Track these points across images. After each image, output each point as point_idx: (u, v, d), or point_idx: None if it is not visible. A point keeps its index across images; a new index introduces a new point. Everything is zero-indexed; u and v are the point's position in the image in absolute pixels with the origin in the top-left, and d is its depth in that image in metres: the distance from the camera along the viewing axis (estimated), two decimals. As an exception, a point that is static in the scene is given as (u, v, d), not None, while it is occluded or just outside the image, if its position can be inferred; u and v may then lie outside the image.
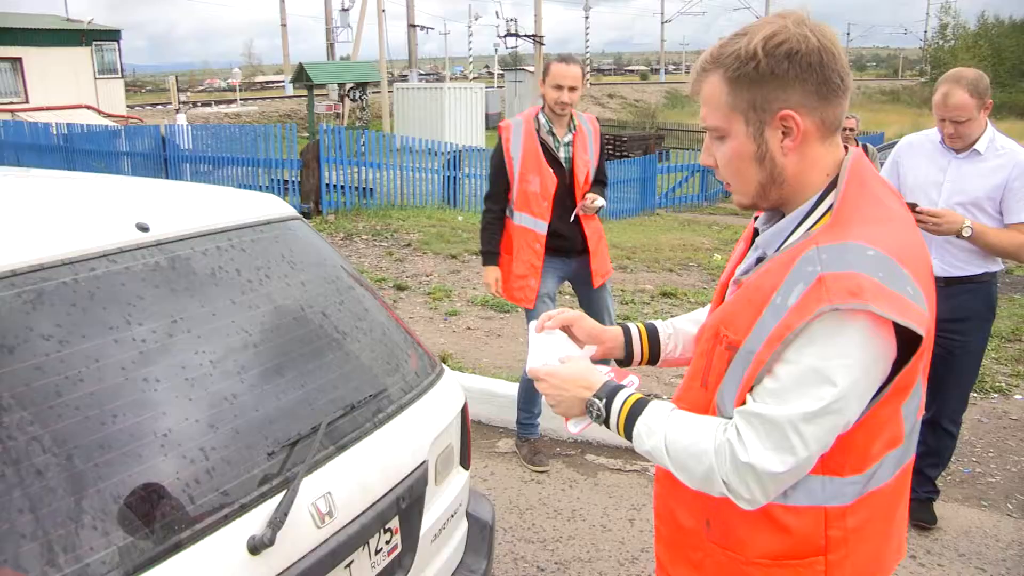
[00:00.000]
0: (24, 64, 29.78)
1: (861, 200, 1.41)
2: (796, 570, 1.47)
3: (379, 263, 9.67)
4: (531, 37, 46.30)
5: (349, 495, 1.92)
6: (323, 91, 32.47)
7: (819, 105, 1.40)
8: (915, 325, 1.30)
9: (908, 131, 18.79)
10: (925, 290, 1.36)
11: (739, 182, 1.51)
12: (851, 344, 1.30)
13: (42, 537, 1.36)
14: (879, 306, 1.27)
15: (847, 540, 1.46)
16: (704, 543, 1.58)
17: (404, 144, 15.00)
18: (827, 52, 1.38)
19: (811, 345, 1.31)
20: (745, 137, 1.45)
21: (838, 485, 1.43)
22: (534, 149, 4.25)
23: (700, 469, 1.43)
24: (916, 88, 69.88)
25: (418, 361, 2.41)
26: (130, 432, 1.58)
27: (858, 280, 1.28)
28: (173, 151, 16.11)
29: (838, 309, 1.27)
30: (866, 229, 1.35)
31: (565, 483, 4.44)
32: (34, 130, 19.61)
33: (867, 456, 1.43)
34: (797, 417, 1.33)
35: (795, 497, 1.44)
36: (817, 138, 1.43)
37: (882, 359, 1.34)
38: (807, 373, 1.32)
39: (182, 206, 2.21)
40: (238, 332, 1.93)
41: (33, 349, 1.54)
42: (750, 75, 1.40)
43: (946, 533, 3.95)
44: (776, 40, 1.38)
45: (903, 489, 1.55)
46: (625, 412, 1.55)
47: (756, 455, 1.36)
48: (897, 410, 1.43)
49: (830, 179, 1.46)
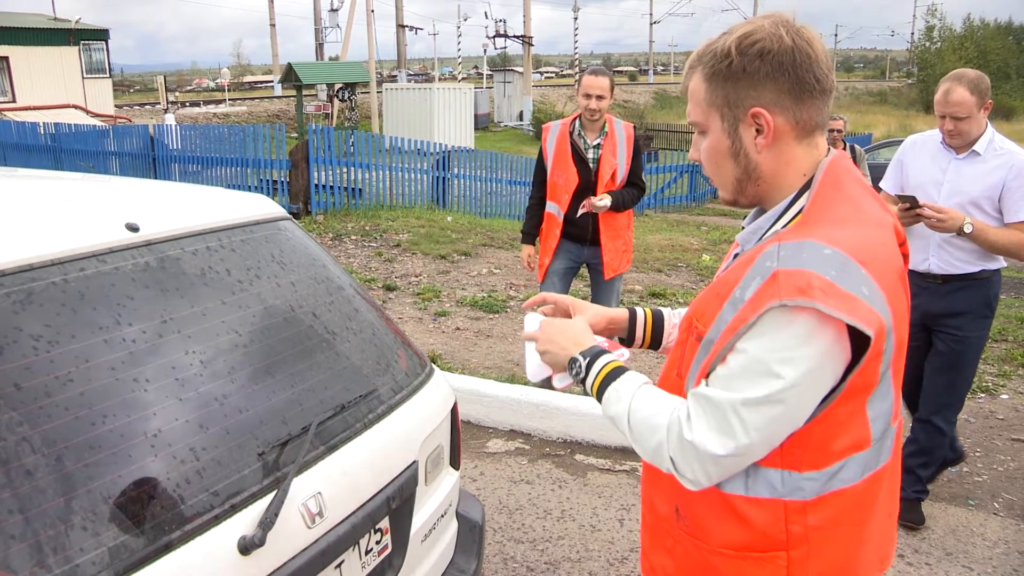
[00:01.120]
0: (11, 63, 29.65)
1: (833, 201, 1.44)
2: (758, 563, 1.49)
3: (368, 263, 9.66)
4: (520, 38, 46.38)
5: (340, 495, 1.92)
6: (312, 91, 32.43)
7: (792, 105, 1.44)
8: (863, 325, 1.31)
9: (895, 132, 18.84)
10: (888, 291, 1.37)
11: (718, 177, 1.56)
12: (797, 339, 1.32)
13: (31, 538, 1.36)
14: (826, 304, 1.29)
15: (808, 538, 1.47)
16: (675, 530, 1.61)
17: (393, 144, 14.98)
18: (802, 53, 1.41)
19: (760, 337, 1.35)
20: (721, 133, 1.50)
21: (796, 480, 1.45)
22: (564, 148, 4.92)
23: (652, 442, 1.48)
24: (903, 89, 70.21)
25: (408, 361, 2.41)
26: (120, 432, 1.57)
27: (808, 278, 1.30)
28: (162, 151, 16.03)
29: (785, 305, 1.31)
30: (830, 229, 1.38)
31: (554, 483, 4.44)
32: (21, 129, 19.49)
33: (826, 453, 1.44)
34: (739, 402, 1.36)
35: (756, 489, 1.46)
36: (793, 137, 1.47)
37: (832, 356, 1.35)
38: (753, 363, 1.35)
39: (172, 206, 2.21)
40: (228, 332, 1.92)
41: (22, 349, 1.53)
42: (724, 73, 1.45)
43: (933, 532, 3.97)
44: (750, 39, 1.42)
45: (877, 495, 1.55)
46: (602, 375, 1.60)
47: (699, 435, 1.40)
48: (860, 411, 1.44)
49: (807, 179, 1.49)
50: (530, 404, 5.06)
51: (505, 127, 43.88)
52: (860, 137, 26.95)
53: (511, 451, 4.85)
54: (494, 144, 28.18)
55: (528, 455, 4.80)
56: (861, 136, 28.01)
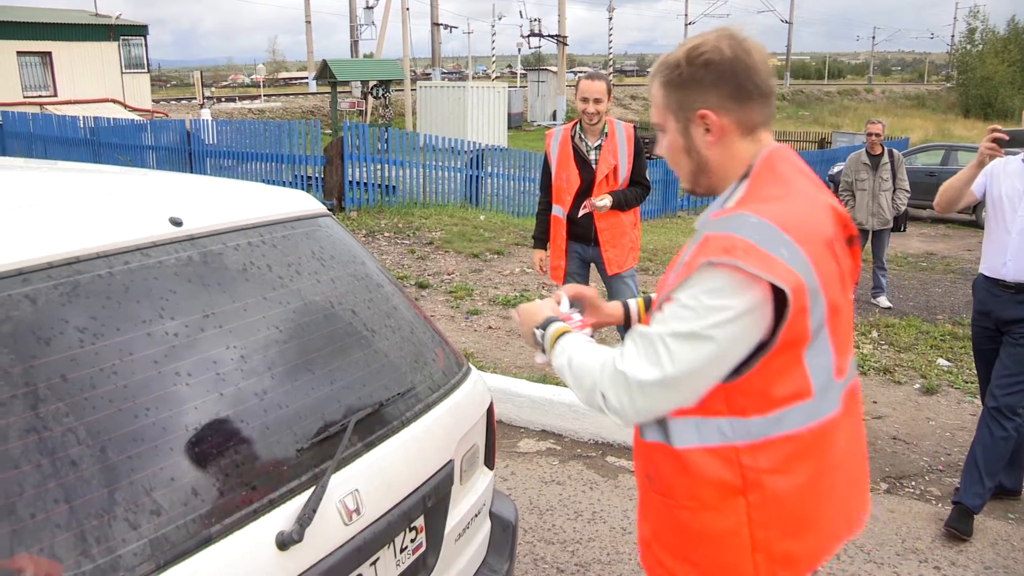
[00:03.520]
0: (53, 58, 30.15)
1: (766, 183, 1.65)
2: (719, 512, 1.64)
3: (401, 261, 9.69)
4: (554, 37, 46.24)
5: (376, 493, 1.92)
6: (346, 88, 32.61)
7: (735, 107, 1.65)
8: (779, 282, 1.49)
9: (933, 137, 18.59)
10: (813, 256, 1.53)
11: (677, 170, 1.80)
12: (721, 290, 1.51)
13: (76, 528, 1.37)
14: (745, 262, 1.48)
15: (762, 483, 1.61)
16: (649, 495, 1.79)
17: (427, 142, 15.02)
18: (741, 63, 1.63)
19: (690, 288, 1.55)
20: (676, 132, 1.73)
21: (744, 425, 1.61)
22: (567, 152, 5.02)
23: (588, 381, 1.66)
24: (942, 93, 69.20)
25: (446, 360, 2.41)
26: (162, 425, 1.58)
27: (732, 240, 1.51)
28: (198, 146, 16.19)
29: (712, 262, 1.52)
30: (760, 204, 1.59)
31: (586, 484, 4.43)
32: (62, 123, 19.78)
33: (768, 400, 1.60)
34: (666, 333, 1.55)
35: (708, 438, 1.62)
36: (737, 135, 1.68)
37: (755, 309, 1.52)
38: (683, 307, 1.55)
39: (213, 201, 2.22)
40: (268, 328, 1.93)
41: (69, 341, 1.55)
42: (676, 80, 1.68)
43: (972, 545, 3.90)
44: (697, 51, 1.65)
45: (830, 449, 1.69)
46: (553, 336, 1.81)
47: (629, 363, 1.58)
48: (796, 362, 1.58)
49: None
50: (562, 404, 5.05)
51: (538, 126, 43.80)
52: (897, 141, 26.58)
53: (542, 451, 4.84)
54: (527, 143, 28.13)
55: (559, 456, 4.79)
56: (898, 140, 27.63)
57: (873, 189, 8.96)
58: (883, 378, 6.33)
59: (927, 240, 15.90)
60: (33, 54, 29.75)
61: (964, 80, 60.12)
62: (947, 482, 4.60)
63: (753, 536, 1.64)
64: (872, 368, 6.50)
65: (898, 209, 9.06)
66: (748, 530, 1.63)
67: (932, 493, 4.48)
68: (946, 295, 9.73)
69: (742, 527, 1.63)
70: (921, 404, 5.82)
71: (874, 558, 3.78)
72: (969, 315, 4.41)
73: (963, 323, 8.02)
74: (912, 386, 6.15)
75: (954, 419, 5.54)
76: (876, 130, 8.97)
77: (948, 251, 14.47)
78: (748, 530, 1.63)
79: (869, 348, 7.13)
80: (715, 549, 1.67)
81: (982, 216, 6.61)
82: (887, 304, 9.03)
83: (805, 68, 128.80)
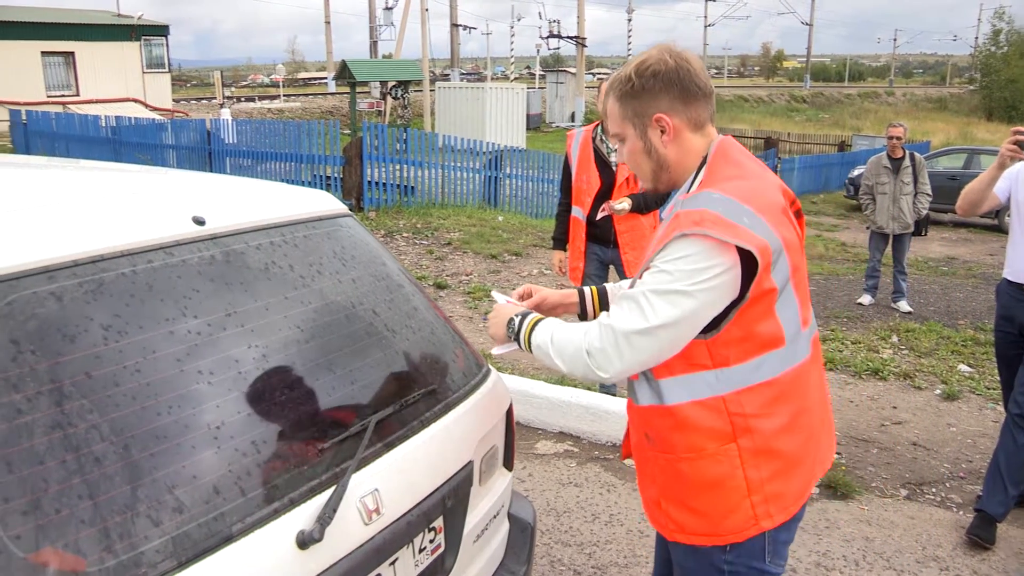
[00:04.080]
0: (76, 58, 30.44)
1: (721, 166, 1.88)
2: (715, 458, 1.84)
3: (419, 261, 9.71)
4: (573, 39, 46.26)
5: (396, 493, 1.92)
6: (365, 89, 32.71)
7: (683, 108, 1.89)
8: (745, 244, 1.70)
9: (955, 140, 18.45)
10: (772, 222, 1.77)
11: (639, 172, 2.01)
12: (693, 256, 1.73)
13: (99, 524, 1.38)
14: (714, 230, 1.71)
15: (750, 427, 1.83)
16: (650, 454, 1.98)
17: (446, 143, 15.03)
18: (683, 70, 1.87)
19: (665, 257, 1.77)
20: (635, 138, 1.95)
21: (728, 374, 1.82)
22: (588, 154, 4.98)
23: (571, 348, 1.86)
24: (965, 96, 68.58)
25: (465, 361, 2.40)
26: (184, 423, 1.59)
27: (701, 214, 1.74)
28: (218, 145, 16.28)
29: (685, 234, 1.74)
30: (719, 183, 1.81)
31: (603, 487, 4.42)
32: (84, 122, 19.96)
33: (747, 349, 1.82)
34: (648, 290, 1.77)
35: (696, 391, 1.84)
36: (689, 131, 1.91)
37: (726, 271, 1.73)
38: (661, 272, 1.77)
39: (236, 200, 2.23)
40: (290, 327, 1.94)
41: (93, 338, 1.56)
42: (629, 92, 1.91)
43: (995, 553, 3.87)
44: (644, 65, 1.88)
45: (804, 391, 1.92)
46: (531, 323, 2.01)
47: (616, 318, 1.80)
48: (768, 313, 1.81)
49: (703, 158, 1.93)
50: (579, 407, 5.04)
51: (557, 128, 43.79)
52: (918, 145, 26.38)
53: (560, 453, 4.84)
54: (545, 145, 28.15)
55: (577, 458, 4.78)
56: (919, 144, 27.42)
57: (894, 193, 8.90)
58: (903, 383, 6.28)
59: (948, 244, 15.78)
60: (57, 54, 30.05)
61: (988, 82, 59.48)
62: (968, 489, 4.56)
63: (747, 477, 1.84)
64: (892, 373, 6.46)
65: (919, 213, 8.99)
66: (742, 472, 1.84)
67: (953, 500, 4.44)
68: (968, 300, 9.66)
69: (736, 470, 1.84)
70: (942, 410, 5.77)
71: (893, 565, 3.75)
72: (991, 320, 4.40)
73: (985, 328, 7.95)
74: (933, 392, 6.11)
75: (976, 425, 5.49)
76: (897, 133, 8.91)
77: (970, 255, 14.36)
78: (742, 472, 1.84)
79: (889, 353, 7.08)
80: (715, 494, 1.87)
81: (1005, 220, 6.56)
82: (907, 309, 8.97)
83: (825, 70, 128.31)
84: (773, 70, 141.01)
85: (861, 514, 4.24)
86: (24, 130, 21.45)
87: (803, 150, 30.59)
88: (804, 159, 25.55)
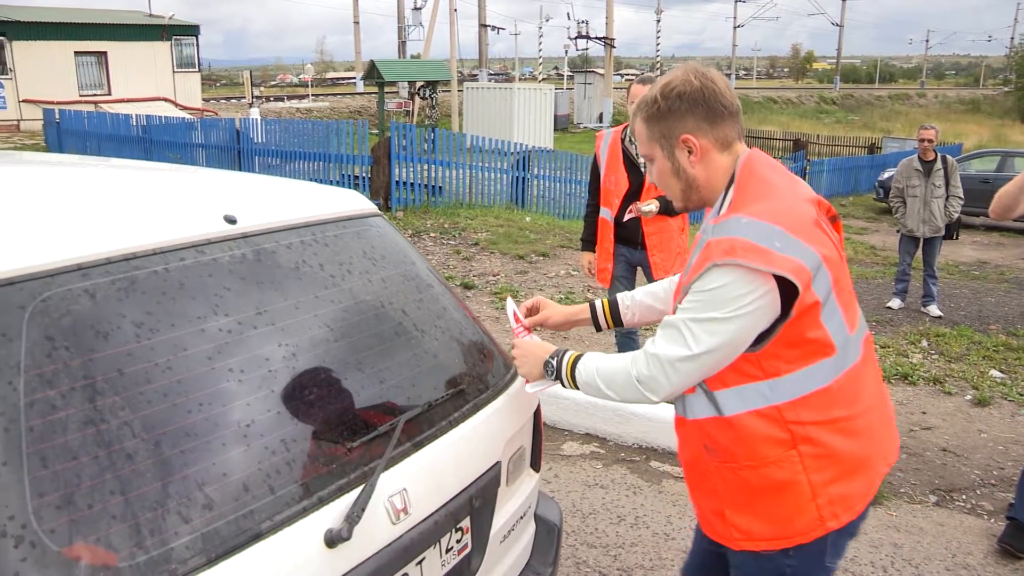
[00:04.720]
0: (108, 58, 30.81)
1: (748, 185, 1.87)
2: (779, 465, 1.86)
3: (446, 261, 9.73)
4: (601, 39, 46.17)
5: (424, 492, 1.92)
6: (393, 89, 32.82)
7: (711, 128, 1.90)
8: (778, 270, 1.71)
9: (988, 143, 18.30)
10: (806, 237, 1.77)
11: (669, 192, 2.03)
12: (728, 285, 1.75)
13: (131, 519, 1.39)
14: (746, 259, 1.72)
15: (809, 435, 1.84)
16: (710, 465, 1.97)
17: (474, 143, 15.04)
18: (708, 90, 1.88)
19: (701, 287, 1.79)
20: (663, 159, 1.97)
21: (781, 384, 1.83)
22: (617, 155, 4.93)
23: (620, 378, 1.91)
24: (998, 98, 67.67)
25: (494, 361, 2.40)
26: (215, 421, 1.60)
27: (732, 242, 1.75)
28: (247, 144, 16.39)
29: (717, 264, 1.75)
30: (748, 205, 1.81)
31: (629, 489, 4.40)
32: (115, 121, 20.18)
33: (798, 359, 1.82)
34: (688, 319, 1.81)
35: (752, 402, 1.85)
36: (717, 151, 1.92)
37: (764, 295, 1.75)
38: (698, 300, 1.80)
39: (267, 199, 2.24)
40: (320, 326, 1.94)
41: (125, 336, 1.57)
42: (655, 114, 1.93)
43: (1025, 560, 3.81)
44: (669, 87, 1.90)
45: (860, 391, 1.92)
46: (571, 359, 2.05)
47: (660, 346, 1.85)
48: (815, 325, 1.81)
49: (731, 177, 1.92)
50: (606, 408, 5.03)
51: (584, 128, 43.71)
52: (951, 147, 26.07)
53: (586, 455, 4.82)
54: (573, 145, 28.10)
55: (603, 459, 4.76)
56: (951, 146, 27.09)
57: (925, 196, 8.79)
58: (932, 388, 6.21)
59: (980, 248, 15.58)
60: (89, 54, 30.42)
61: (1023, 84, 58.65)
62: (1000, 497, 4.49)
63: (811, 482, 1.85)
64: (921, 378, 6.38)
65: (951, 216, 8.87)
66: (806, 477, 1.85)
67: (984, 507, 4.38)
68: (999, 305, 9.53)
69: (799, 475, 1.85)
70: (972, 416, 5.69)
71: (923, 572, 3.70)
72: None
73: (1017, 334, 7.84)
74: (963, 397, 6.03)
75: (1008, 432, 5.41)
76: (929, 135, 8.80)
77: (1002, 260, 14.16)
78: (806, 477, 1.85)
79: (919, 357, 7.00)
80: (781, 499, 1.88)
81: (1039, 225, 6.48)
82: (938, 313, 8.86)
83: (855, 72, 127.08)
84: (802, 71, 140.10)
85: (890, 520, 4.19)
86: (57, 129, 21.74)
87: (832, 152, 30.26)
88: (833, 161, 25.30)
